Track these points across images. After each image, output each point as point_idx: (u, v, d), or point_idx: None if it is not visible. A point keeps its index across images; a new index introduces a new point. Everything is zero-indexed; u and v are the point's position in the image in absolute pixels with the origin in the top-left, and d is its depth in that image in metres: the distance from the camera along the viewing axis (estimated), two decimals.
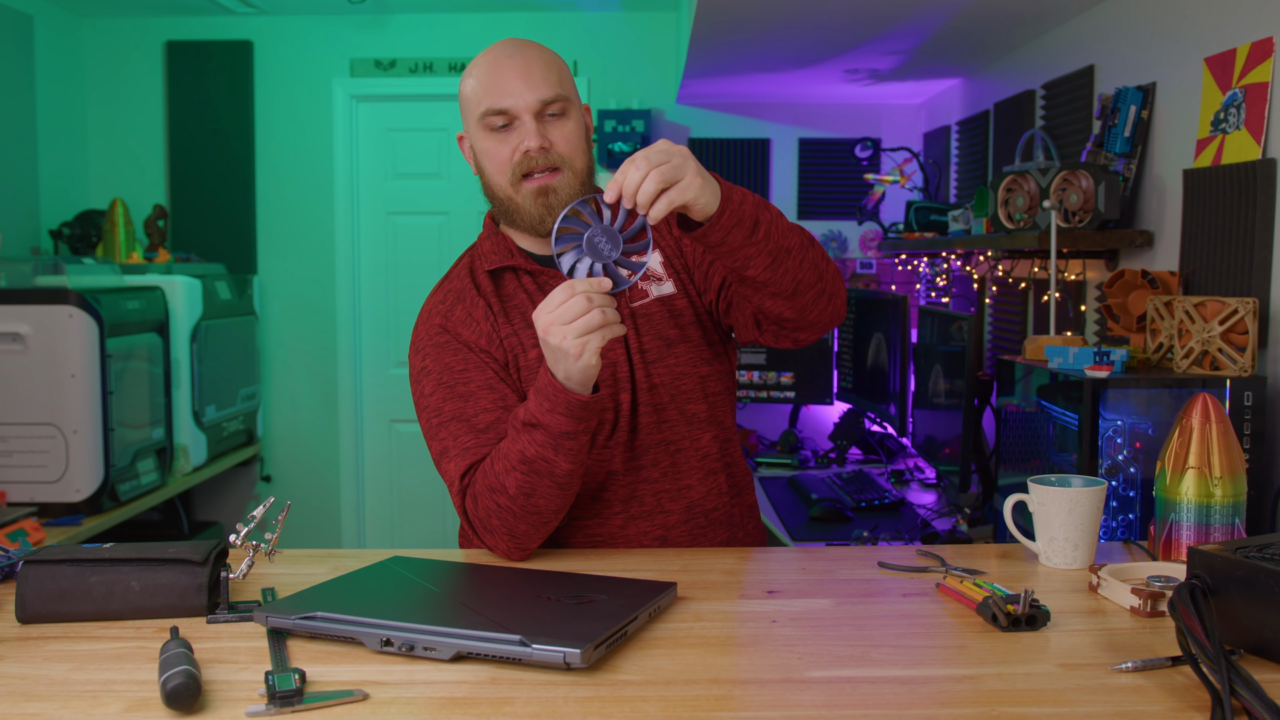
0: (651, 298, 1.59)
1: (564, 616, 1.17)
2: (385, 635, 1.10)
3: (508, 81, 1.48)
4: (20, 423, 2.84)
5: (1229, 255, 2.11)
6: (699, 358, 1.59)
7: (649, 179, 1.27)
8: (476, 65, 1.54)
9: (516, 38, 1.56)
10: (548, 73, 1.50)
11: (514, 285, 1.59)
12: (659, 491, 1.57)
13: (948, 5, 2.87)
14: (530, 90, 1.48)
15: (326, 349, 4.51)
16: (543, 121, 1.50)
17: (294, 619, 1.15)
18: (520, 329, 1.56)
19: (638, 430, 1.56)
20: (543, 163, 1.49)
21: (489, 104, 1.49)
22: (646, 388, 1.56)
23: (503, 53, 1.51)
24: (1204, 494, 1.40)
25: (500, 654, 1.07)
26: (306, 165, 4.44)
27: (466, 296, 1.58)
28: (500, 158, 1.51)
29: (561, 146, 1.50)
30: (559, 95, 1.50)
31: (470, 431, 1.48)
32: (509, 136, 1.50)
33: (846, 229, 4.61)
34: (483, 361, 1.53)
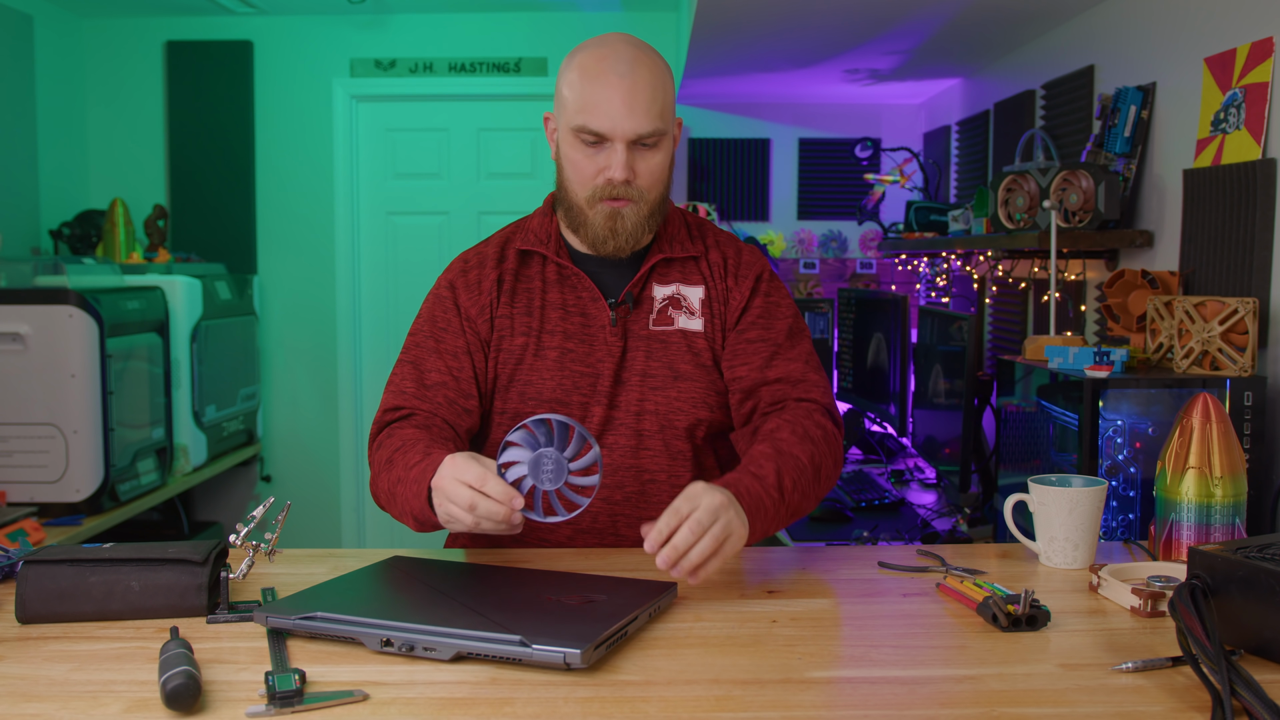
0: (675, 327, 1.57)
1: (564, 616, 1.16)
2: (385, 635, 1.10)
3: (611, 105, 1.45)
4: (20, 423, 2.84)
5: (1229, 255, 2.11)
6: (701, 399, 1.57)
7: (702, 548, 1.25)
8: (584, 68, 1.48)
9: (630, 45, 1.49)
10: (651, 104, 1.46)
11: (536, 269, 1.59)
12: (616, 515, 1.55)
13: (948, 5, 2.87)
14: (630, 120, 1.45)
15: (326, 349, 4.51)
16: (633, 151, 1.48)
17: (294, 619, 1.15)
18: (517, 313, 1.57)
19: (606, 448, 1.54)
20: (623, 193, 1.49)
21: (585, 122, 1.46)
22: (635, 411, 1.54)
23: (613, 68, 1.46)
24: (1204, 494, 1.40)
25: (500, 654, 1.07)
26: (306, 165, 4.44)
27: (485, 264, 1.59)
28: (583, 172, 1.50)
29: (644, 179, 1.49)
30: (656, 130, 1.47)
31: (415, 380, 1.56)
32: (597, 155, 1.48)
33: (846, 229, 4.61)
34: (464, 329, 1.57)
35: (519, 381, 1.55)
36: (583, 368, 1.55)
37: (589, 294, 1.57)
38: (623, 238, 1.51)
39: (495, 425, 1.59)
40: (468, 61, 4.42)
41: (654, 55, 1.51)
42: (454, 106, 4.50)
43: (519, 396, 1.55)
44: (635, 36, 1.54)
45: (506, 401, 1.56)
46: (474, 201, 4.51)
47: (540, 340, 1.56)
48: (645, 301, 1.58)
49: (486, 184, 4.51)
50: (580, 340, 1.56)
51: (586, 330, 1.56)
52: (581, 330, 1.56)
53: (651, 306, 1.58)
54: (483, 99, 4.47)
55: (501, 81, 4.42)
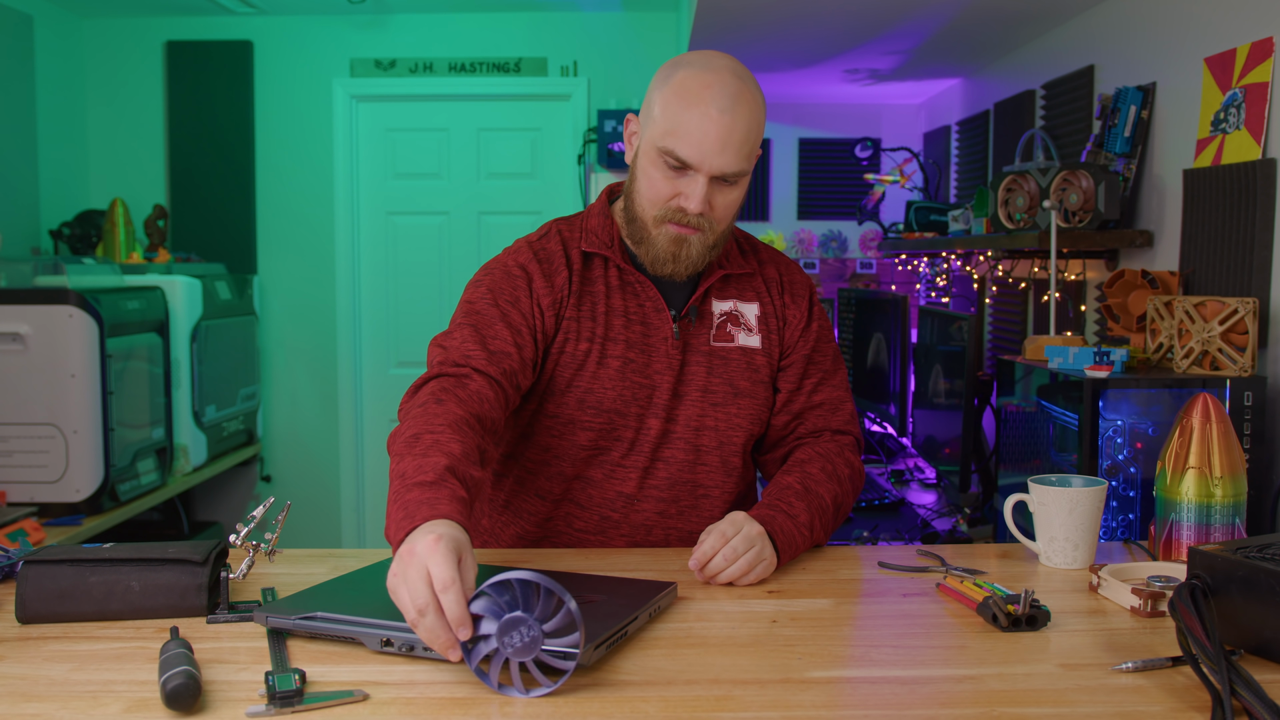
0: (736, 344, 1.56)
1: None
2: (385, 635, 1.10)
3: (705, 138, 1.40)
4: (20, 423, 2.84)
5: (1229, 255, 2.11)
6: (758, 416, 1.57)
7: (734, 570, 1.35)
8: (685, 91, 1.42)
9: (736, 78, 1.43)
10: (743, 145, 1.42)
11: (599, 272, 1.54)
12: (670, 529, 1.56)
13: (948, 5, 2.87)
14: (721, 158, 1.41)
15: (326, 349, 4.51)
16: (713, 185, 1.44)
17: (294, 619, 1.15)
18: (583, 317, 1.51)
19: (661, 461, 1.53)
20: (694, 223, 1.45)
21: (673, 147, 1.41)
22: (695, 427, 1.53)
23: (715, 99, 1.40)
24: (1204, 494, 1.40)
25: None
26: (306, 165, 4.44)
27: (555, 261, 1.52)
28: (659, 192, 1.45)
29: (718, 213, 1.46)
30: (743, 170, 1.44)
31: (479, 344, 1.43)
32: (677, 180, 1.44)
33: (846, 229, 4.61)
34: (533, 312, 1.49)
35: (578, 388, 1.51)
36: (642, 379, 1.52)
37: (652, 303, 1.53)
38: (684, 264, 1.48)
39: (545, 429, 1.53)
40: (468, 61, 4.42)
41: (756, 91, 1.46)
42: (454, 106, 4.50)
43: (576, 404, 1.51)
44: (740, 64, 1.48)
45: (562, 407, 1.51)
46: (474, 201, 4.51)
47: (604, 348, 1.51)
48: (705, 316, 1.56)
49: (486, 184, 4.51)
50: (641, 350, 1.52)
51: (647, 340, 1.53)
52: (643, 340, 1.53)
53: (711, 322, 1.56)
54: (483, 99, 4.47)
55: (501, 81, 4.42)
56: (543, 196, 4.49)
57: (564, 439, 1.53)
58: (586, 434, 1.52)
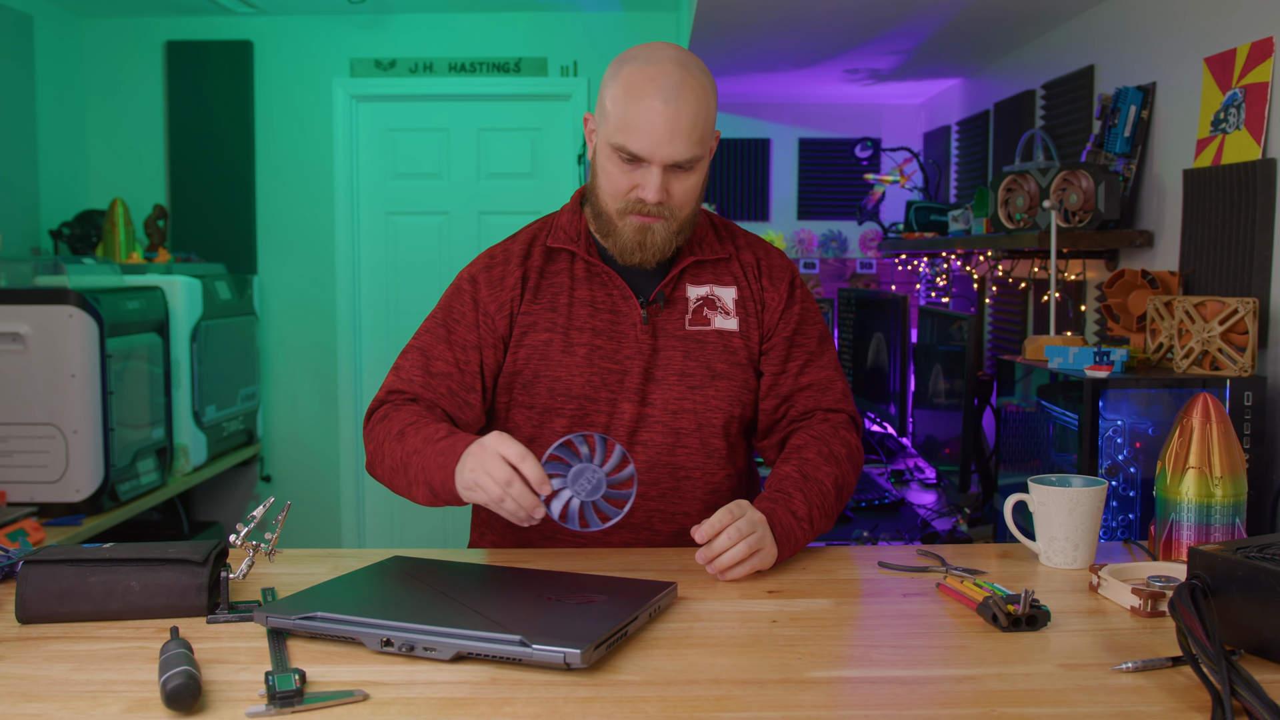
0: (712, 327, 1.60)
1: (564, 616, 1.16)
2: (385, 635, 1.10)
3: (652, 130, 1.45)
4: (20, 423, 2.84)
5: (1229, 255, 2.11)
6: (736, 398, 1.59)
7: (735, 552, 1.37)
8: (630, 85, 1.47)
9: (678, 66, 1.47)
10: (692, 131, 1.46)
11: (563, 265, 1.60)
12: (651, 510, 1.58)
13: (948, 5, 2.87)
14: (670, 146, 1.45)
15: (326, 349, 4.51)
16: (669, 174, 1.48)
17: (294, 619, 1.15)
18: (540, 309, 1.58)
19: (640, 444, 1.56)
20: (655, 211, 1.50)
21: (624, 142, 1.46)
22: (673, 410, 1.57)
23: (659, 91, 1.45)
24: (1204, 494, 1.40)
25: (500, 654, 1.07)
26: (306, 165, 4.44)
27: (511, 261, 1.60)
28: (617, 186, 1.51)
29: (677, 199, 1.50)
30: (695, 156, 1.48)
31: (422, 368, 1.59)
32: (633, 173, 1.49)
33: (846, 229, 4.61)
34: (478, 324, 1.59)
35: (547, 377, 1.56)
36: (611, 364, 1.56)
37: (619, 292, 1.58)
38: (650, 251, 1.53)
39: (525, 420, 1.60)
40: (468, 61, 4.42)
41: (701, 77, 1.49)
42: (454, 106, 4.50)
43: (547, 392, 1.56)
44: (685, 51, 1.52)
45: (534, 397, 1.57)
46: (474, 201, 4.51)
47: (569, 336, 1.57)
48: (678, 301, 1.60)
49: (486, 184, 4.51)
50: (609, 337, 1.57)
51: (616, 327, 1.57)
52: (610, 327, 1.57)
53: (686, 307, 1.59)
54: (483, 99, 4.47)
55: (501, 81, 4.42)
56: (543, 196, 4.49)
57: (543, 428, 1.58)
58: (561, 420, 1.57)
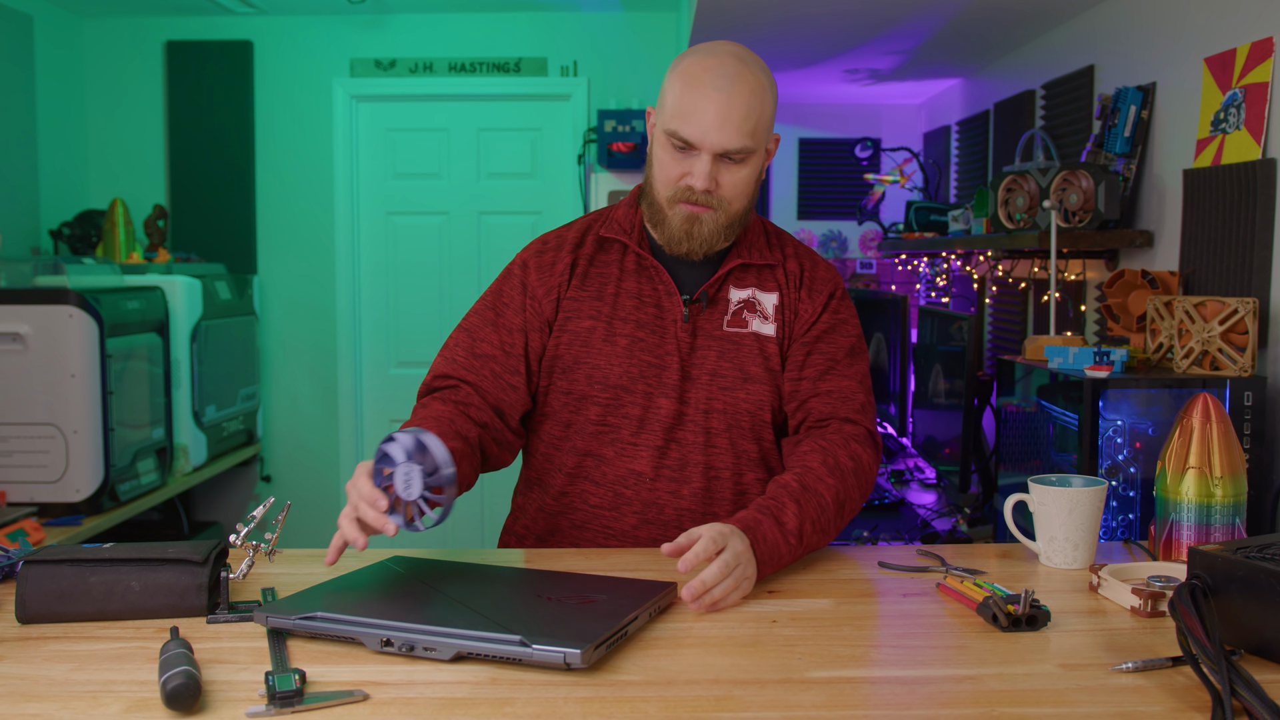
0: (749, 330, 1.61)
1: (564, 616, 1.17)
2: (385, 635, 1.10)
3: (704, 115, 1.47)
4: (20, 423, 2.84)
5: (1229, 255, 2.11)
6: (768, 402, 1.60)
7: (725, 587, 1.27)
8: (687, 75, 1.50)
9: (736, 60, 1.50)
10: (745, 121, 1.48)
11: (614, 257, 1.63)
12: (682, 510, 1.58)
13: (948, 5, 2.87)
14: (720, 134, 1.47)
15: (326, 349, 4.51)
16: (719, 163, 1.50)
17: (294, 619, 1.15)
18: (587, 296, 1.60)
19: (675, 442, 1.57)
20: (703, 201, 1.52)
21: (677, 128, 1.49)
22: (704, 409, 1.57)
23: (714, 80, 1.48)
24: (1204, 494, 1.40)
25: (500, 654, 1.07)
26: (306, 165, 4.44)
27: (563, 248, 1.63)
28: (669, 174, 1.53)
29: (726, 191, 1.52)
30: (745, 147, 1.49)
31: (467, 349, 1.60)
32: (684, 160, 1.51)
33: (846, 229, 4.61)
34: (525, 307, 1.61)
35: (586, 364, 1.58)
36: (651, 358, 1.58)
37: (665, 287, 1.60)
38: (697, 241, 1.55)
39: (561, 405, 1.61)
40: (468, 61, 4.42)
41: (759, 72, 1.52)
42: (454, 106, 4.50)
43: (585, 379, 1.58)
44: (746, 49, 1.55)
45: (573, 383, 1.59)
46: (474, 201, 4.51)
47: (612, 325, 1.59)
48: (720, 303, 1.61)
49: (486, 184, 4.51)
50: (651, 330, 1.59)
51: (659, 322, 1.59)
52: (654, 321, 1.59)
53: (726, 308, 1.61)
54: (483, 99, 4.47)
55: (501, 81, 4.42)
56: (543, 196, 4.49)
57: (579, 414, 1.59)
58: (595, 408, 1.58)
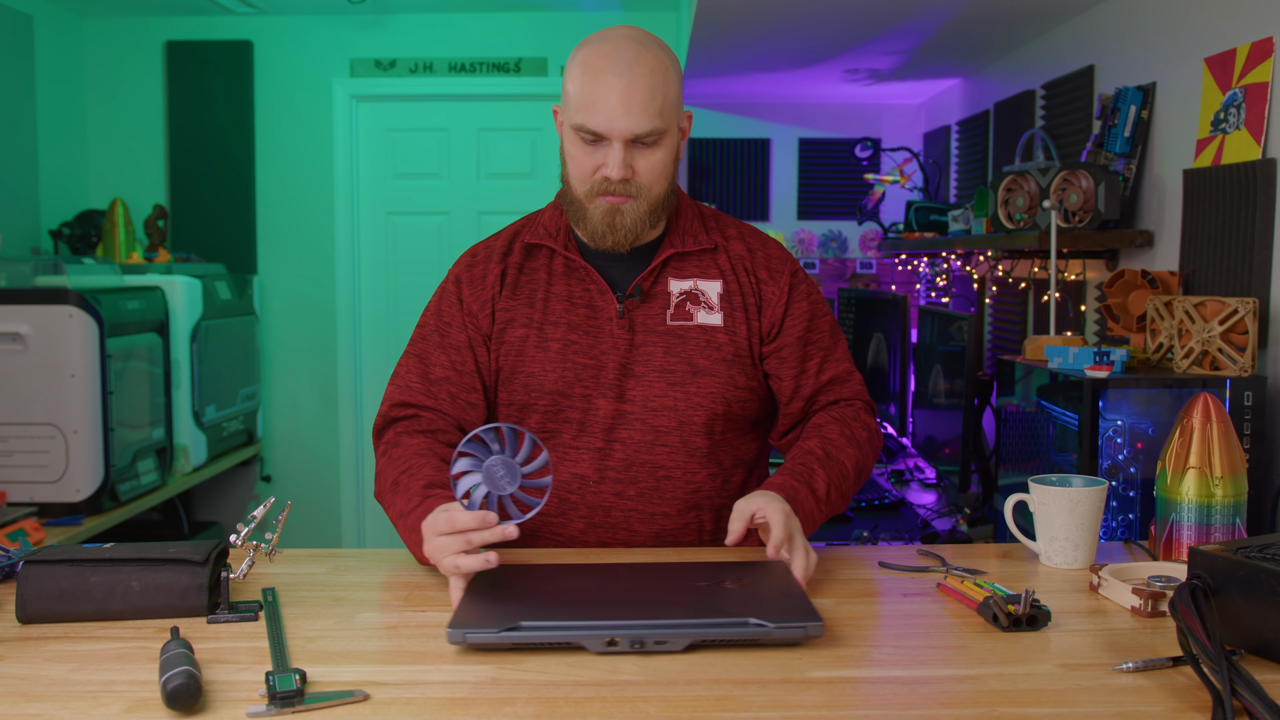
0: (694, 322, 1.57)
1: (751, 597, 1.20)
2: (610, 635, 1.09)
3: (607, 104, 1.45)
4: (20, 423, 2.84)
5: (1229, 255, 2.11)
6: (720, 394, 1.55)
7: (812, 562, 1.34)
8: (585, 64, 1.48)
9: (632, 42, 1.49)
10: (650, 103, 1.46)
11: (543, 261, 1.60)
12: (629, 510, 1.55)
13: (948, 5, 2.87)
14: (627, 119, 1.45)
15: (326, 349, 4.51)
16: (631, 149, 1.48)
17: (497, 633, 1.10)
18: (518, 304, 1.57)
19: (618, 442, 1.54)
20: (620, 190, 1.49)
21: (583, 121, 1.47)
22: (652, 407, 1.54)
23: (612, 66, 1.46)
24: (1205, 494, 1.40)
25: (739, 638, 1.09)
26: (306, 165, 4.44)
27: (492, 259, 1.60)
28: (582, 169, 1.51)
29: (643, 176, 1.50)
30: (655, 129, 1.47)
31: (420, 375, 1.58)
32: (595, 152, 1.49)
33: (846, 229, 4.61)
34: (466, 324, 1.58)
35: (523, 373, 1.55)
36: (586, 360, 1.54)
37: (596, 287, 1.56)
38: (620, 233, 1.51)
39: (505, 417, 1.58)
40: (468, 61, 4.42)
41: (658, 51, 1.50)
42: (454, 106, 4.50)
43: (523, 388, 1.55)
44: (642, 30, 1.54)
45: (512, 394, 1.57)
46: (474, 201, 4.50)
47: (543, 331, 1.55)
48: (659, 296, 1.57)
49: (486, 184, 4.51)
50: (585, 332, 1.55)
51: (592, 322, 1.55)
52: (586, 322, 1.55)
53: (668, 301, 1.56)
54: (483, 99, 4.47)
55: (501, 81, 4.42)
56: (543, 196, 4.44)
57: (522, 424, 1.56)
58: (536, 416, 1.56)
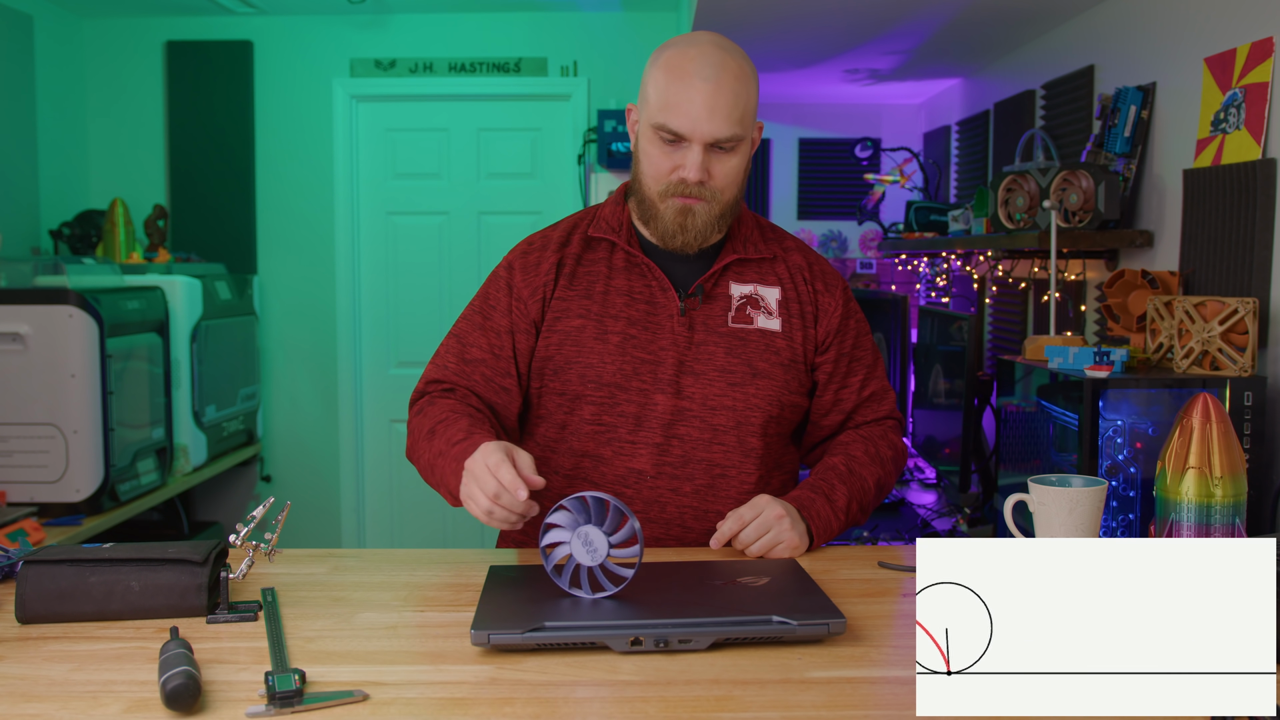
0: (755, 326, 1.60)
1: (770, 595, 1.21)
2: (633, 635, 1.09)
3: (692, 106, 1.47)
4: (20, 423, 2.84)
5: (1229, 255, 2.11)
6: (776, 398, 1.59)
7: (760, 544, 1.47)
8: (670, 66, 1.51)
9: (718, 48, 1.51)
10: (733, 109, 1.48)
11: (602, 255, 1.62)
12: (684, 507, 1.57)
13: (948, 5, 2.87)
14: (710, 123, 1.48)
15: (326, 349, 4.51)
16: (710, 153, 1.50)
17: (521, 634, 1.10)
18: (575, 295, 1.59)
19: (676, 438, 1.56)
20: (695, 193, 1.52)
21: (665, 121, 1.49)
22: (712, 405, 1.57)
23: (698, 70, 1.48)
24: (1204, 494, 1.40)
25: (762, 635, 1.10)
26: (306, 165, 4.44)
27: (548, 248, 1.62)
28: (659, 168, 1.53)
29: (718, 180, 1.52)
30: (735, 135, 1.50)
31: (457, 355, 1.61)
32: (674, 153, 1.51)
33: (846, 229, 4.61)
34: (513, 308, 1.60)
35: (579, 364, 1.57)
36: (645, 354, 1.56)
37: (658, 283, 1.59)
38: (691, 234, 1.55)
39: (556, 407, 1.60)
40: (468, 61, 4.42)
41: (741, 59, 1.52)
42: (454, 106, 4.50)
43: (578, 379, 1.57)
44: (724, 37, 1.55)
45: (565, 384, 1.58)
46: (474, 201, 4.51)
47: (603, 324, 1.57)
48: (720, 298, 1.60)
49: (486, 184, 4.51)
50: (644, 327, 1.57)
51: (652, 318, 1.58)
52: (646, 318, 1.58)
53: (728, 304, 1.60)
54: (483, 99, 4.47)
55: (501, 81, 4.42)
56: (543, 196, 4.49)
57: (573, 415, 1.58)
58: (590, 407, 1.57)
